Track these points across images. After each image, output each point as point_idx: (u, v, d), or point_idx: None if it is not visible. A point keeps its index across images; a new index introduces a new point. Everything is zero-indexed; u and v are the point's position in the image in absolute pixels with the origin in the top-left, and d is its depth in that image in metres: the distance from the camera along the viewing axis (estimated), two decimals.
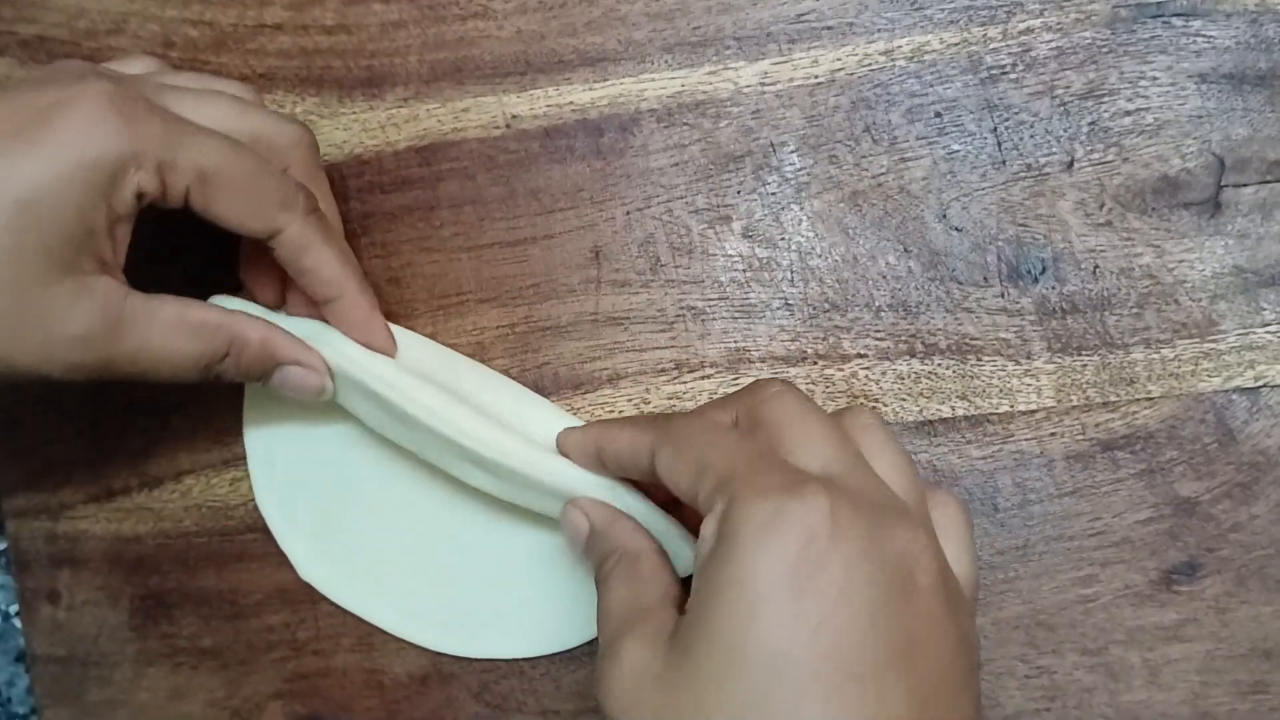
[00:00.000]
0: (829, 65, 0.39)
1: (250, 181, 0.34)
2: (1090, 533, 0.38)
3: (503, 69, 0.41)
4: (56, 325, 0.31)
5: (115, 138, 0.31)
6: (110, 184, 0.31)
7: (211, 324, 0.34)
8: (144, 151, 0.32)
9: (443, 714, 0.41)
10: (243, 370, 0.35)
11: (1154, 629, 0.38)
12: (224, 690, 0.42)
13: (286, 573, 0.41)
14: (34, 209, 0.30)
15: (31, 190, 0.30)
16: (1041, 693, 0.38)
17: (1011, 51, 0.39)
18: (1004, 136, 0.39)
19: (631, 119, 0.40)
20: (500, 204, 0.41)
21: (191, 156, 0.33)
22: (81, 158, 0.31)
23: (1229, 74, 0.38)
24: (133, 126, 0.31)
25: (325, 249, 0.36)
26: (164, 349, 0.33)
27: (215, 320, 0.34)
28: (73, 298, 0.31)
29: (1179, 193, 0.38)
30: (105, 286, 0.32)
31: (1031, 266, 0.39)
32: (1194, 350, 0.38)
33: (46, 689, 0.43)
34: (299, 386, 0.36)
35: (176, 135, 0.32)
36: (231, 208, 0.34)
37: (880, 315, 0.39)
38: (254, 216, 0.34)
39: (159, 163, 0.32)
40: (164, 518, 0.42)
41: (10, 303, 0.31)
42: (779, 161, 0.40)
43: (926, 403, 0.39)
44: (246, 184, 0.34)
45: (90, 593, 0.42)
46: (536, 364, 0.40)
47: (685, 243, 0.40)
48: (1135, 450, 0.38)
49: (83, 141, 0.31)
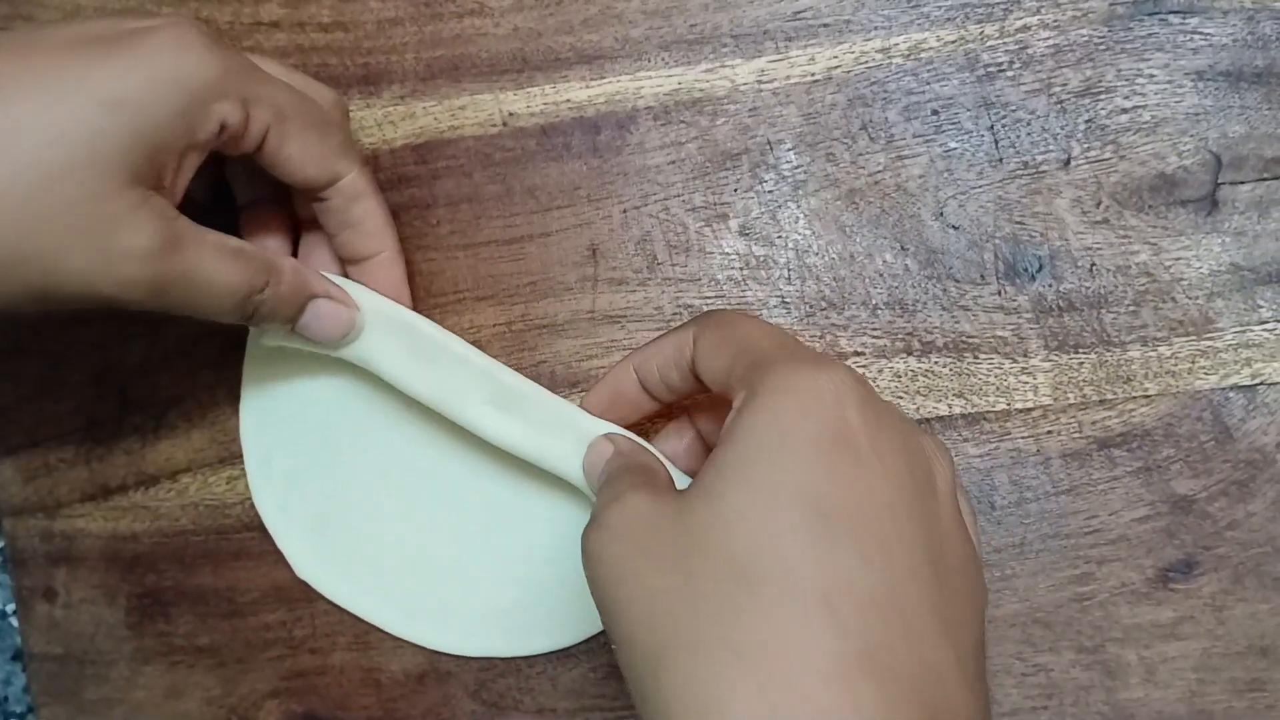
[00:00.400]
0: (826, 63, 0.39)
1: (319, 127, 0.35)
2: (1087, 531, 0.38)
3: (499, 67, 0.41)
4: (116, 233, 0.31)
5: (205, 63, 0.31)
6: (197, 106, 0.31)
7: (250, 251, 0.34)
8: (232, 82, 0.32)
9: (440, 712, 0.41)
10: (280, 301, 0.35)
11: (1151, 627, 0.38)
12: (221, 688, 0.42)
13: (283, 571, 0.41)
14: (118, 113, 0.30)
15: (119, 95, 0.30)
16: (1038, 690, 0.38)
17: (1008, 49, 0.39)
18: (1001, 134, 0.39)
19: (628, 117, 0.40)
20: (497, 202, 0.41)
21: (271, 94, 0.33)
22: (173, 74, 0.31)
23: (1226, 71, 0.38)
24: (221, 56, 0.32)
25: (375, 200, 0.37)
26: (212, 272, 0.33)
27: (253, 249, 0.34)
28: (134, 209, 0.31)
29: (1176, 190, 0.38)
30: (162, 204, 0.32)
31: (1028, 264, 0.38)
32: (1191, 348, 0.38)
33: (43, 687, 0.43)
34: (331, 320, 0.36)
35: (256, 72, 0.33)
36: (303, 150, 0.34)
37: (877, 313, 0.39)
38: (320, 161, 0.35)
39: (244, 97, 0.32)
40: (160, 516, 0.42)
41: (72, 206, 0.30)
42: (776, 159, 0.40)
43: (923, 401, 0.39)
44: (316, 129, 0.35)
45: (87, 591, 0.42)
46: (533, 362, 0.40)
47: (682, 241, 0.40)
48: (1132, 448, 0.38)
49: (176, 60, 0.31)
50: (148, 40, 0.31)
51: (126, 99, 0.30)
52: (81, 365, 0.42)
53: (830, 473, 0.26)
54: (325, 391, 0.40)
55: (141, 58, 0.31)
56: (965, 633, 0.26)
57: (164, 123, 0.31)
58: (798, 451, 0.26)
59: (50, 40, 0.31)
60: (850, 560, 0.25)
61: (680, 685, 0.24)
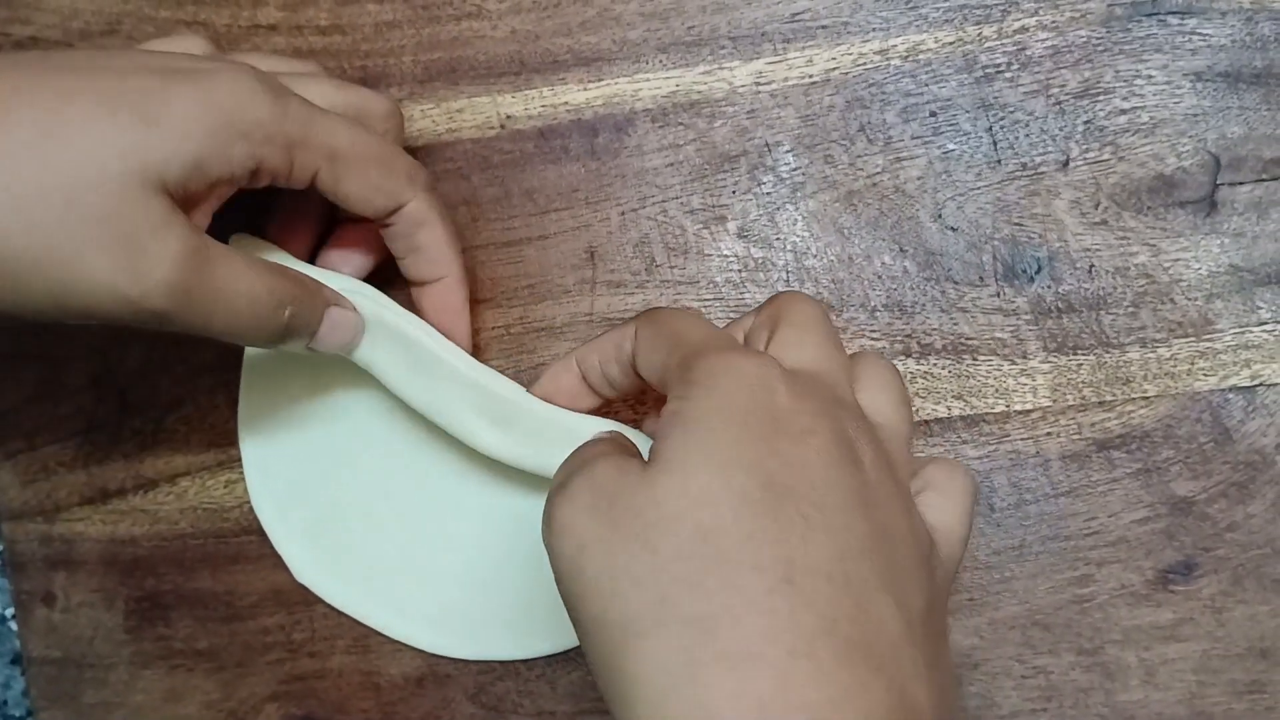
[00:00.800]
0: (824, 65, 0.39)
1: (379, 160, 0.35)
2: (1086, 533, 0.38)
3: (497, 69, 0.41)
4: (145, 241, 0.30)
5: (259, 104, 0.32)
6: (238, 141, 0.31)
7: (277, 272, 0.34)
8: (280, 128, 0.32)
9: (439, 715, 0.41)
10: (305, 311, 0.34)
11: (1150, 629, 0.38)
12: (219, 692, 0.42)
13: (282, 575, 0.41)
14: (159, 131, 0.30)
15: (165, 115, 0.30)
16: (1038, 693, 0.38)
17: (1007, 50, 0.39)
18: (999, 136, 0.39)
19: (626, 119, 0.40)
20: (495, 205, 0.41)
21: (324, 137, 0.33)
22: (221, 107, 0.31)
23: (1224, 72, 0.38)
24: (276, 100, 0.32)
25: (441, 226, 0.37)
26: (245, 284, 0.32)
27: (279, 270, 0.34)
28: (164, 220, 0.31)
29: (1174, 191, 0.38)
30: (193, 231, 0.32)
31: (1027, 266, 0.38)
32: (1190, 349, 0.38)
33: (42, 691, 0.43)
34: (344, 329, 0.36)
35: (311, 115, 0.33)
36: (360, 187, 0.34)
37: (875, 315, 0.39)
38: (380, 193, 0.35)
39: (291, 143, 0.32)
40: (159, 520, 0.42)
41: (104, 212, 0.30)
42: (774, 161, 0.40)
43: (922, 403, 0.39)
44: (375, 163, 0.34)
45: (86, 595, 0.42)
46: (532, 365, 0.40)
47: (680, 243, 0.40)
48: (1131, 450, 0.38)
49: (228, 95, 0.31)
50: (205, 75, 0.32)
51: (171, 119, 0.30)
52: (81, 369, 0.42)
53: (771, 450, 0.26)
54: (324, 394, 0.40)
55: (196, 88, 0.31)
56: (914, 600, 0.26)
57: (203, 151, 0.31)
58: (739, 430, 0.26)
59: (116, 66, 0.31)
60: (801, 533, 0.25)
61: (649, 661, 0.24)
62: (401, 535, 0.40)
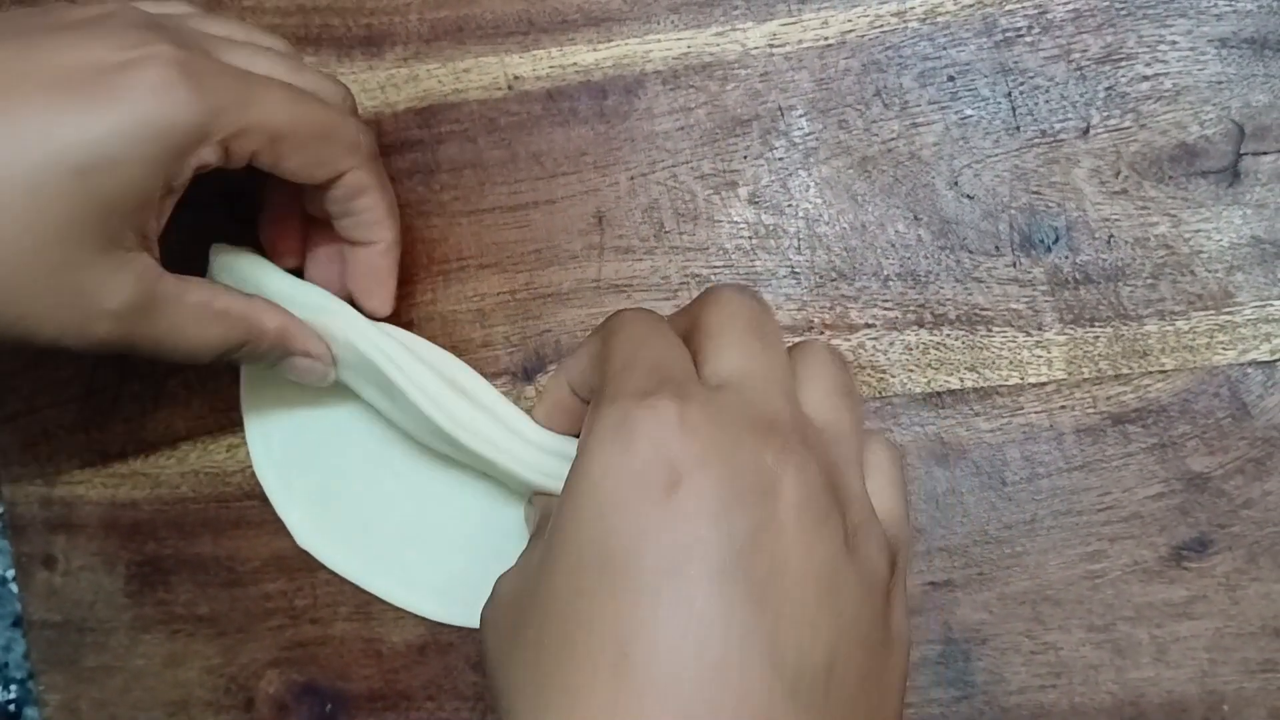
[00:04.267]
0: (839, 27, 0.38)
1: (319, 133, 0.33)
2: (1099, 508, 0.38)
3: (505, 28, 0.40)
4: (92, 300, 0.30)
5: (186, 109, 0.30)
6: (174, 158, 0.30)
7: (235, 313, 0.34)
8: (214, 123, 0.31)
9: (440, 683, 0.40)
10: (256, 357, 0.35)
11: (1163, 606, 0.37)
12: (220, 657, 0.41)
13: (284, 540, 0.41)
14: (92, 180, 0.29)
15: (92, 160, 0.29)
16: (1047, 669, 0.38)
17: (1027, 14, 0.38)
18: (1018, 101, 0.38)
19: (636, 81, 0.39)
20: (501, 168, 0.40)
21: (262, 118, 0.32)
22: (149, 131, 0.29)
23: (1250, 39, 0.37)
24: (204, 96, 0.30)
25: (379, 194, 0.36)
26: (189, 333, 0.33)
27: (239, 310, 0.34)
28: (112, 273, 0.30)
29: (1197, 160, 0.37)
30: (143, 264, 0.31)
31: (1044, 235, 0.38)
32: (1209, 322, 0.37)
33: (42, 654, 0.43)
34: (304, 373, 0.36)
35: (245, 98, 0.31)
36: (299, 163, 0.33)
37: (889, 284, 0.38)
38: (320, 166, 0.34)
39: (227, 135, 0.31)
40: (160, 484, 0.42)
41: (49, 274, 0.30)
42: (787, 126, 0.39)
43: (935, 374, 0.38)
44: (316, 136, 0.33)
45: (86, 558, 0.42)
46: (538, 331, 0.40)
47: (690, 209, 0.39)
48: (1147, 424, 0.37)
49: (152, 113, 0.29)
50: (120, 90, 0.29)
51: (100, 170, 0.29)
52: None
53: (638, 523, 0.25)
54: None
55: (115, 115, 0.29)
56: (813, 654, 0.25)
57: (144, 182, 0.30)
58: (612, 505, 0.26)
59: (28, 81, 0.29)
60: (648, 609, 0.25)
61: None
62: (405, 502, 0.40)
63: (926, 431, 0.38)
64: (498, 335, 0.40)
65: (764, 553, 0.25)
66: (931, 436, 0.38)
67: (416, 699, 0.41)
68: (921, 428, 0.38)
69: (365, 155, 0.35)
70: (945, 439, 0.38)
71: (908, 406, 0.38)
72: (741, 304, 0.30)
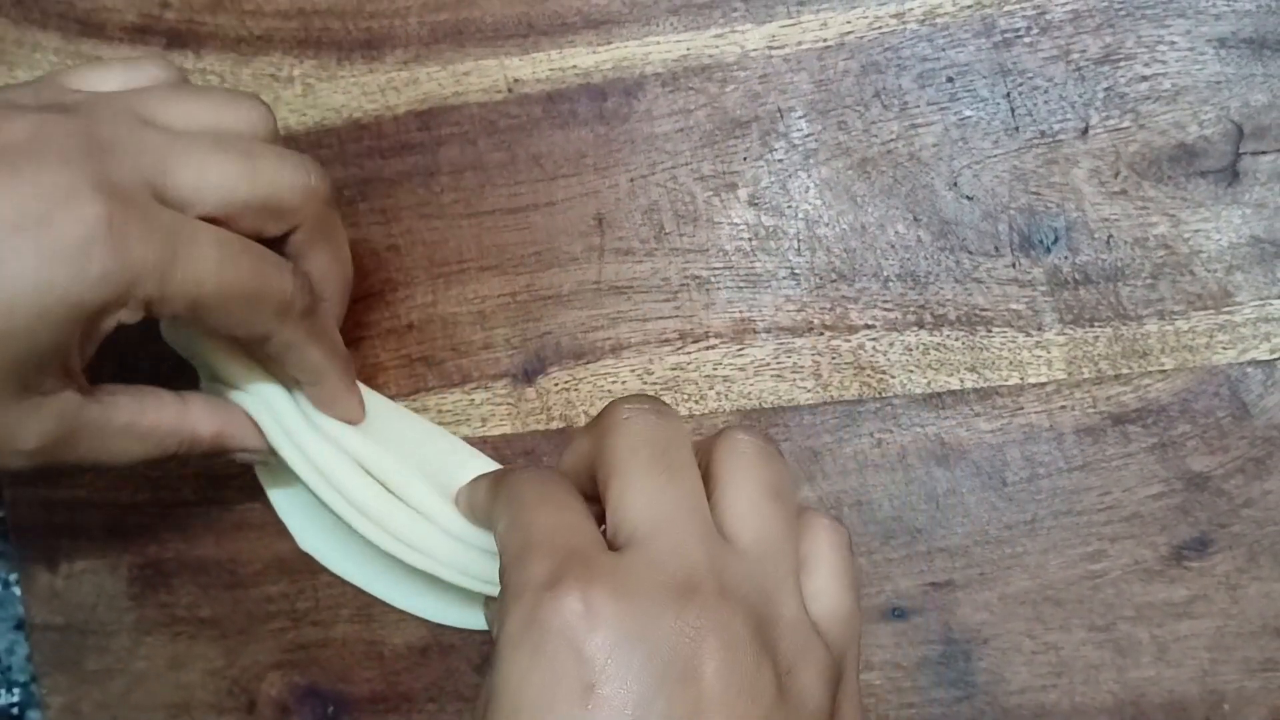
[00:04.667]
0: (838, 28, 0.38)
1: (245, 297, 0.31)
2: (1100, 507, 0.38)
3: (504, 31, 0.40)
4: (7, 442, 0.30)
5: (101, 281, 0.28)
6: (90, 321, 0.29)
7: (164, 428, 0.34)
8: (132, 291, 0.29)
9: (442, 685, 0.40)
10: (192, 460, 0.35)
11: (1163, 605, 0.37)
12: (223, 660, 0.42)
13: (285, 543, 0.41)
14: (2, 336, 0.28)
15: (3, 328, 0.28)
16: (1048, 669, 0.38)
17: (1026, 15, 0.38)
18: (1017, 102, 0.38)
19: (636, 83, 0.39)
20: (501, 170, 0.40)
21: (184, 286, 0.30)
22: (59, 302, 0.28)
23: (1249, 39, 0.37)
24: (125, 263, 0.28)
25: (311, 349, 0.34)
26: (114, 451, 0.33)
27: (169, 425, 0.34)
28: (28, 415, 0.30)
29: (1196, 161, 0.37)
30: (63, 402, 0.31)
31: (1044, 236, 0.38)
32: (1209, 322, 0.37)
33: (45, 657, 0.43)
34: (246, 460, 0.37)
35: (169, 260, 0.29)
36: (222, 324, 0.32)
37: (888, 285, 0.38)
38: (243, 328, 0.32)
39: (149, 298, 0.29)
40: (162, 486, 0.42)
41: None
42: (786, 127, 0.39)
43: (935, 375, 0.38)
44: (241, 300, 0.31)
45: (88, 561, 0.42)
46: (538, 333, 0.40)
47: (690, 210, 0.39)
48: (1147, 424, 0.37)
49: (64, 284, 0.28)
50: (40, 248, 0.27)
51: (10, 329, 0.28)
52: None
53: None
54: None
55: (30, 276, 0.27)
56: None
57: (51, 342, 0.29)
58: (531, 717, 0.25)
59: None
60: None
61: None
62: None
63: (927, 432, 0.38)
64: (498, 337, 0.40)
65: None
66: (932, 437, 0.38)
67: (418, 701, 0.41)
68: (921, 428, 0.38)
69: (295, 317, 0.33)
70: (945, 439, 0.38)
71: (908, 407, 0.38)
72: (643, 428, 0.29)
